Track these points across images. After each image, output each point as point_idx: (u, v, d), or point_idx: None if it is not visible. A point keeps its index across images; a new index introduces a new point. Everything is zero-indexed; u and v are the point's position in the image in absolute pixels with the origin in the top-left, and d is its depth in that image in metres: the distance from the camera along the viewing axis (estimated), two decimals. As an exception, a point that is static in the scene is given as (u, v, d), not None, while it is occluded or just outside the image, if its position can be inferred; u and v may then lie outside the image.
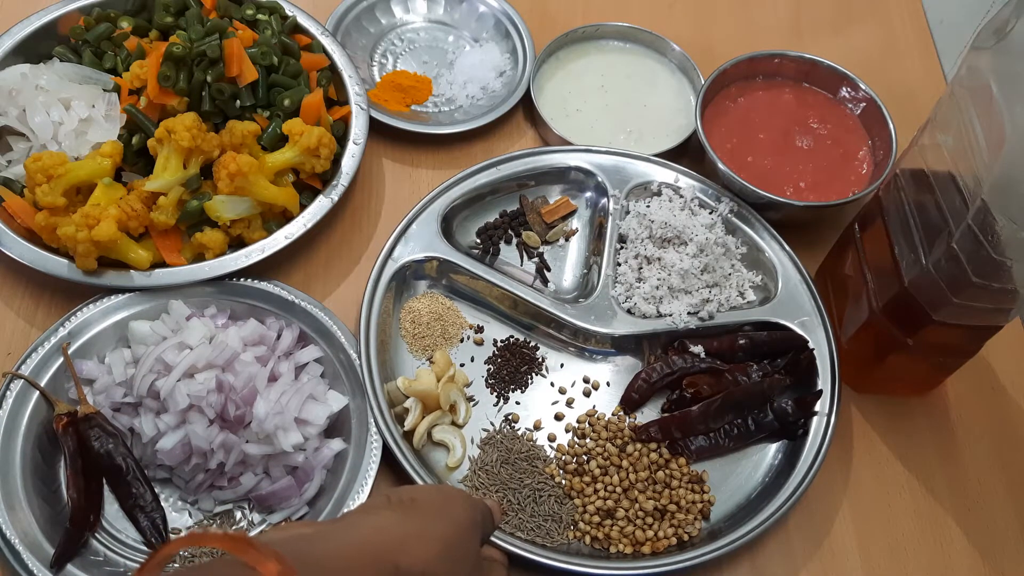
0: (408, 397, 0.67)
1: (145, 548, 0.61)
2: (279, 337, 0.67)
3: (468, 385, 0.70)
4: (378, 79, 0.88)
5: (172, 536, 0.62)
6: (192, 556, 0.61)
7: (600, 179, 0.79)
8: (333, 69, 0.82)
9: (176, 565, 0.60)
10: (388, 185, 0.82)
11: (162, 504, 0.62)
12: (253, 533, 0.62)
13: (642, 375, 0.70)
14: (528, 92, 0.85)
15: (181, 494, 0.64)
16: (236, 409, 0.61)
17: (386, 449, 0.64)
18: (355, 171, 0.76)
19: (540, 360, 0.72)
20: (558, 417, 0.70)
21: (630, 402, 0.70)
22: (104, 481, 0.63)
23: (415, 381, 0.67)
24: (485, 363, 0.72)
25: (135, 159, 0.73)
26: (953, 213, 0.56)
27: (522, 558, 0.61)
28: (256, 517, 0.63)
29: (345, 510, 0.61)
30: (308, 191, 0.75)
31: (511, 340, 0.73)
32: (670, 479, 0.66)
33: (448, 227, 0.76)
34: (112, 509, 0.63)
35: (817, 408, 0.68)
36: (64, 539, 0.59)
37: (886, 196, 0.66)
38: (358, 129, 0.78)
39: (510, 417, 0.69)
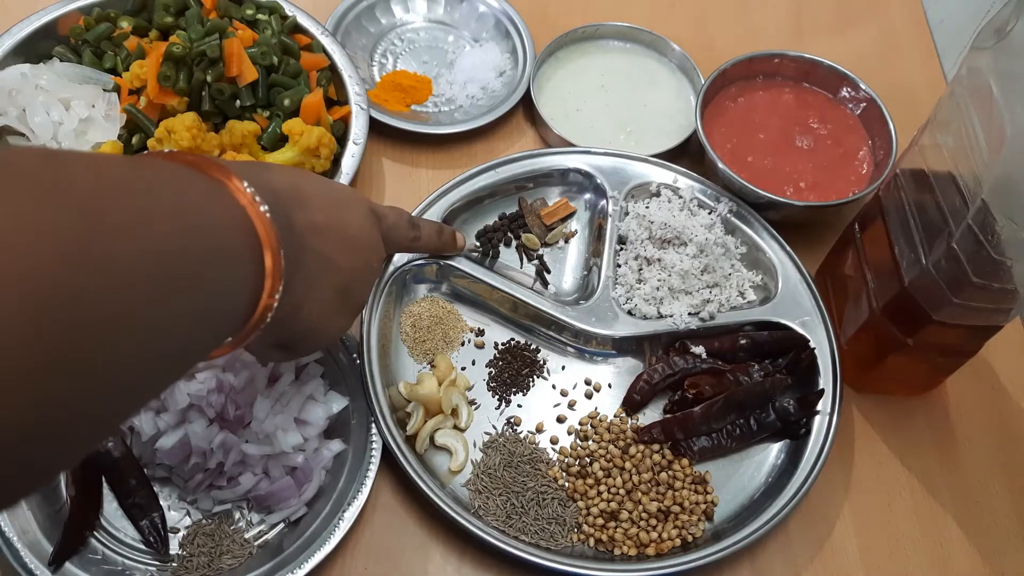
0: (410, 402, 0.67)
1: (144, 547, 0.61)
2: (279, 337, 0.67)
3: (470, 389, 0.70)
4: (378, 79, 0.88)
5: (171, 535, 0.62)
6: (191, 555, 0.61)
7: (599, 181, 0.78)
8: (333, 69, 0.82)
9: (174, 564, 0.60)
10: (388, 185, 0.82)
11: (161, 503, 0.62)
12: (250, 534, 0.62)
13: (643, 376, 0.70)
14: (528, 92, 0.85)
15: (180, 493, 0.63)
16: (236, 409, 0.61)
17: (385, 451, 0.64)
18: (355, 171, 0.76)
19: (541, 363, 0.72)
20: (560, 419, 0.70)
21: (632, 403, 0.70)
22: (103, 479, 0.63)
23: (417, 385, 0.67)
24: (486, 366, 0.72)
25: (135, 159, 0.73)
26: (953, 213, 0.56)
27: (526, 561, 0.61)
28: (255, 517, 0.63)
29: (344, 512, 0.61)
30: (308, 191, 0.75)
31: (512, 343, 0.73)
32: (673, 480, 0.66)
33: (448, 229, 0.76)
34: (111, 508, 0.63)
35: (819, 407, 0.68)
36: (63, 537, 0.59)
37: (886, 196, 0.66)
38: (358, 129, 0.78)
39: (512, 420, 0.69)
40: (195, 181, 0.39)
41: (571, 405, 0.70)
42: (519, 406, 0.70)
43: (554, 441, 0.68)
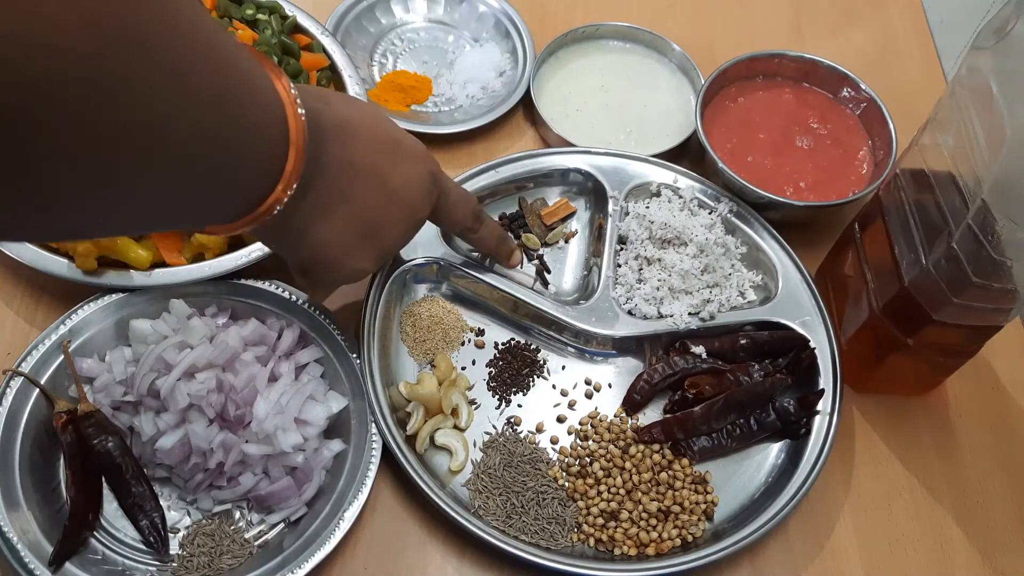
0: (410, 401, 0.67)
1: (144, 547, 0.61)
2: (280, 337, 0.67)
3: (470, 388, 0.70)
4: (378, 79, 0.88)
5: (171, 535, 0.62)
6: (191, 555, 0.61)
7: (599, 180, 0.78)
8: (333, 69, 0.82)
9: (174, 564, 0.60)
10: (388, 185, 0.82)
11: (161, 503, 0.62)
12: (250, 534, 0.62)
13: (644, 376, 0.70)
14: (528, 92, 0.85)
15: (180, 493, 0.63)
16: (236, 409, 0.61)
17: (385, 451, 0.64)
18: (355, 171, 0.76)
19: (541, 363, 0.72)
20: (560, 419, 0.70)
21: (632, 403, 0.70)
22: (103, 479, 0.63)
23: (417, 385, 0.67)
24: (486, 366, 0.72)
25: (135, 159, 0.73)
26: (953, 213, 0.56)
27: (526, 561, 0.61)
28: (255, 517, 0.63)
29: (344, 511, 0.61)
30: (308, 191, 0.75)
31: (512, 343, 0.73)
32: (673, 480, 0.66)
33: (448, 229, 0.76)
34: (111, 508, 0.63)
35: (819, 407, 0.68)
36: (63, 537, 0.59)
37: (886, 196, 0.66)
38: (358, 129, 0.78)
39: (512, 420, 0.69)
40: (252, 59, 0.40)
41: (571, 405, 0.70)
42: (519, 406, 0.70)
43: (554, 441, 0.68)
